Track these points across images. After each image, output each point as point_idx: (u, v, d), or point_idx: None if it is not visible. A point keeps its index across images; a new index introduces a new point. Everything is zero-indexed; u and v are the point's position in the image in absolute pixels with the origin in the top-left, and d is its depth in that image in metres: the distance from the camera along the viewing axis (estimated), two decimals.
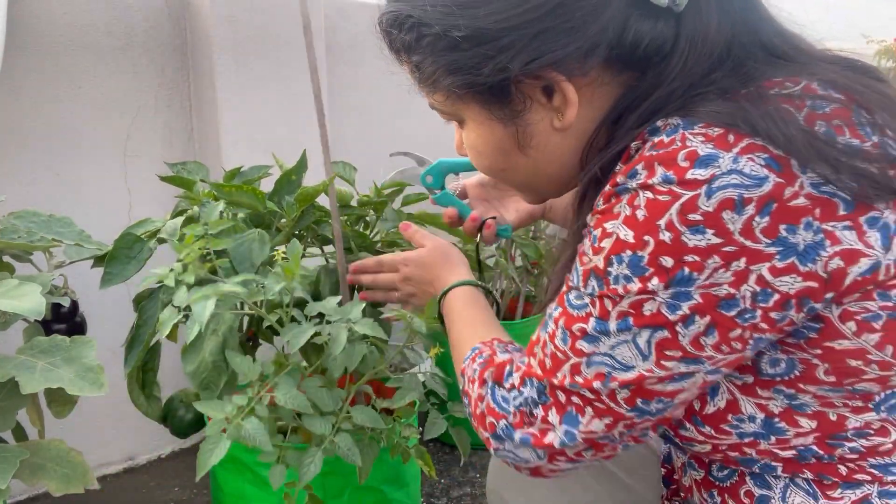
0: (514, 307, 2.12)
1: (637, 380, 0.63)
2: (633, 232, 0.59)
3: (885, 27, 3.82)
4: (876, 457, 0.65)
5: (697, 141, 0.57)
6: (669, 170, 0.57)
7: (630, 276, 0.60)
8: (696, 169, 0.56)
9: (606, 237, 0.61)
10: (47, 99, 1.64)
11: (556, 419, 0.68)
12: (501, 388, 0.74)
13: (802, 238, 0.55)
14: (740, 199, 0.55)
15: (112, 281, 1.16)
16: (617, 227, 0.60)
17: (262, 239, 1.14)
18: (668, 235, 0.57)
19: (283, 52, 1.89)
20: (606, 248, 0.61)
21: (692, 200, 0.56)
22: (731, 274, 0.57)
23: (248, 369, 1.01)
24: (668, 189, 0.57)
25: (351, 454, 0.98)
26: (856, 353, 0.61)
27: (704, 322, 0.59)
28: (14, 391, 0.92)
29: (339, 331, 0.98)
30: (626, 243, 0.59)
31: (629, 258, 0.59)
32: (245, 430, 0.93)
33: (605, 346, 0.63)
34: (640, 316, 0.60)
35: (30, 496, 1.72)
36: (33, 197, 1.64)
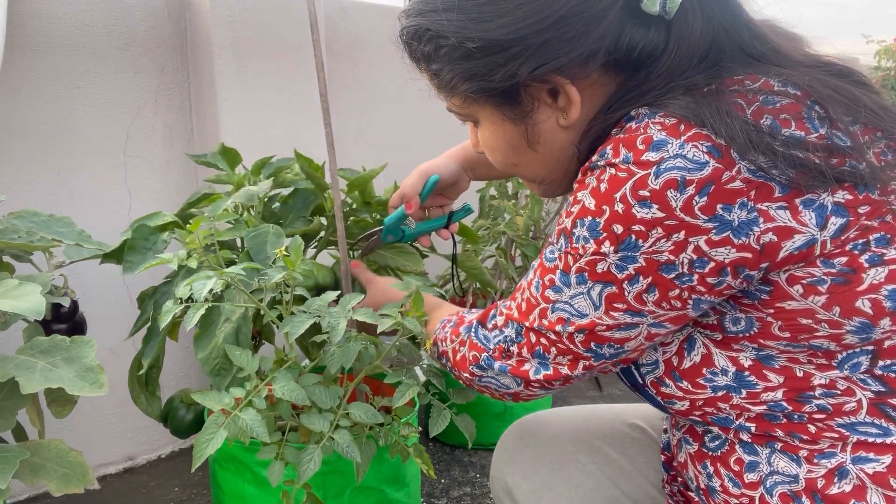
0: None
1: (590, 325, 0.75)
2: (594, 201, 0.70)
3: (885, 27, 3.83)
4: (842, 416, 0.70)
5: (655, 129, 0.67)
6: (630, 151, 0.67)
7: (588, 238, 0.70)
8: (650, 152, 0.66)
9: (576, 203, 0.72)
10: (47, 99, 1.64)
11: (528, 355, 0.82)
12: (484, 328, 0.88)
13: (737, 216, 0.64)
14: (682, 180, 0.64)
15: (133, 268, 1.18)
16: (584, 196, 0.71)
17: (278, 232, 1.16)
18: (620, 207, 0.67)
19: (283, 51, 1.89)
20: (574, 212, 0.72)
21: (643, 179, 0.66)
22: (672, 244, 0.66)
23: (246, 362, 1.01)
24: (627, 167, 0.67)
25: (350, 451, 0.98)
26: (805, 313, 0.68)
27: (646, 282, 0.69)
28: (14, 391, 0.92)
29: (337, 320, 0.99)
30: (588, 210, 0.70)
31: (588, 222, 0.70)
32: (242, 420, 0.93)
33: (566, 296, 0.75)
34: (593, 273, 0.72)
35: (30, 496, 1.72)
36: (33, 197, 1.64)
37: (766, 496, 0.73)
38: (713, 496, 0.79)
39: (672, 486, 0.94)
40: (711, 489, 0.79)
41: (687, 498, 0.90)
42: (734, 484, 0.76)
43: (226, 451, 1.16)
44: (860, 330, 0.67)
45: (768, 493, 0.73)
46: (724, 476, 0.77)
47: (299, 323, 0.99)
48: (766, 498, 0.73)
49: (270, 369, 1.04)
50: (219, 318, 1.09)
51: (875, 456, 0.68)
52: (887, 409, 0.69)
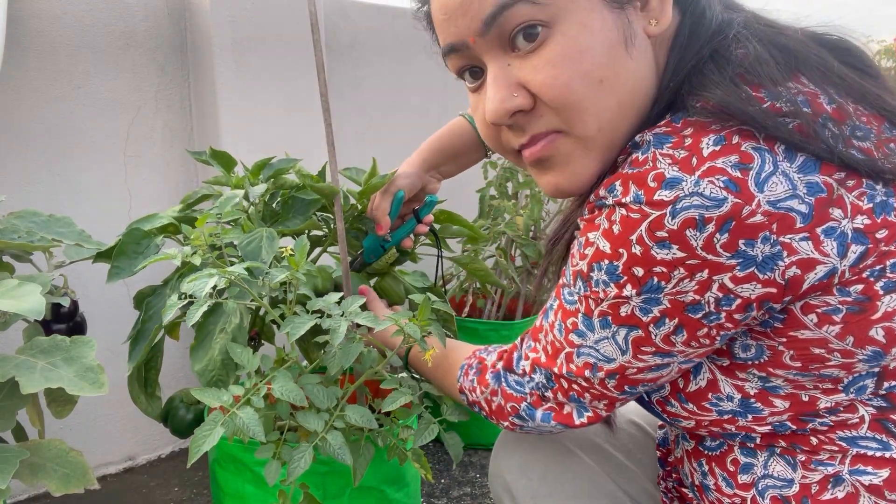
0: (513, 307, 2.12)
1: (619, 369, 0.72)
2: (609, 244, 0.66)
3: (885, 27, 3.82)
4: (844, 430, 0.69)
5: (665, 163, 0.62)
6: (640, 189, 0.62)
7: (608, 282, 0.67)
8: (663, 190, 0.61)
9: (589, 246, 0.68)
10: (47, 99, 1.64)
11: (564, 399, 0.79)
12: (513, 373, 0.84)
13: (760, 250, 0.60)
14: (701, 219, 0.60)
15: (119, 275, 1.16)
16: (597, 238, 0.67)
17: (271, 236, 1.15)
18: (638, 249, 0.63)
19: (284, 51, 1.89)
20: (589, 255, 0.68)
21: (659, 219, 0.61)
22: (695, 283, 0.63)
23: (247, 360, 1.01)
24: (639, 208, 0.62)
25: (341, 453, 0.98)
26: (818, 342, 0.65)
27: (673, 323, 0.66)
28: (14, 391, 0.92)
29: (338, 323, 0.99)
30: (604, 254, 0.66)
31: (606, 267, 0.67)
32: (239, 419, 0.93)
33: (591, 340, 0.72)
34: (617, 316, 0.68)
35: (30, 496, 1.72)
36: (33, 197, 1.64)
37: (757, 498, 0.73)
38: (707, 494, 0.79)
39: (667, 482, 0.94)
40: (705, 487, 0.79)
41: (681, 494, 0.91)
42: (727, 484, 0.76)
43: (226, 450, 1.16)
44: (871, 358, 0.65)
45: (760, 496, 0.73)
46: (718, 475, 0.77)
47: (300, 324, 0.99)
48: (758, 500, 0.73)
49: (270, 369, 1.04)
50: (214, 329, 1.08)
51: (873, 469, 0.68)
52: (889, 424, 0.67)
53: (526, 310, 2.11)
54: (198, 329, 1.08)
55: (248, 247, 1.13)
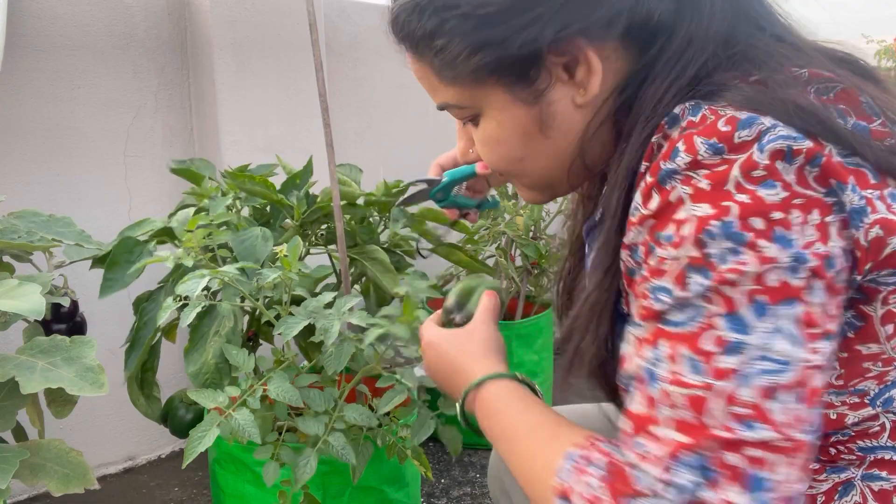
0: (513, 307, 2.12)
1: (801, 378, 0.52)
2: (708, 204, 0.53)
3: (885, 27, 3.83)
4: (865, 439, 0.66)
5: (730, 110, 0.56)
6: (711, 137, 0.55)
7: (735, 248, 0.52)
8: (741, 131, 0.54)
9: (683, 224, 0.54)
10: (47, 99, 1.64)
11: (737, 494, 0.51)
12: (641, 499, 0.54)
13: (849, 199, 0.54)
14: (789, 150, 0.53)
15: (112, 288, 1.16)
16: (689, 209, 0.54)
17: (265, 236, 1.15)
18: (744, 196, 0.53)
19: (283, 52, 1.89)
20: (690, 233, 0.54)
21: (749, 158, 0.53)
22: (814, 229, 0.53)
23: (243, 362, 1.01)
24: (721, 159, 0.54)
25: (345, 453, 0.98)
26: (873, 357, 0.60)
27: (821, 287, 0.53)
28: (14, 391, 0.92)
29: (331, 323, 0.99)
30: (707, 216, 0.53)
31: (720, 228, 0.53)
32: (235, 420, 0.93)
33: (755, 347, 0.52)
34: (770, 290, 0.52)
35: (30, 496, 1.72)
36: (33, 197, 1.64)
37: None
38: None
39: None
40: None
41: None
42: None
43: (226, 451, 1.16)
44: None
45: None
46: None
47: (294, 324, 0.99)
48: None
49: (268, 369, 1.04)
50: (208, 332, 1.08)
51: (887, 475, 0.65)
52: None
53: (526, 310, 2.11)
54: (192, 332, 1.08)
55: (242, 246, 1.13)
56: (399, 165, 2.19)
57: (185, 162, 1.46)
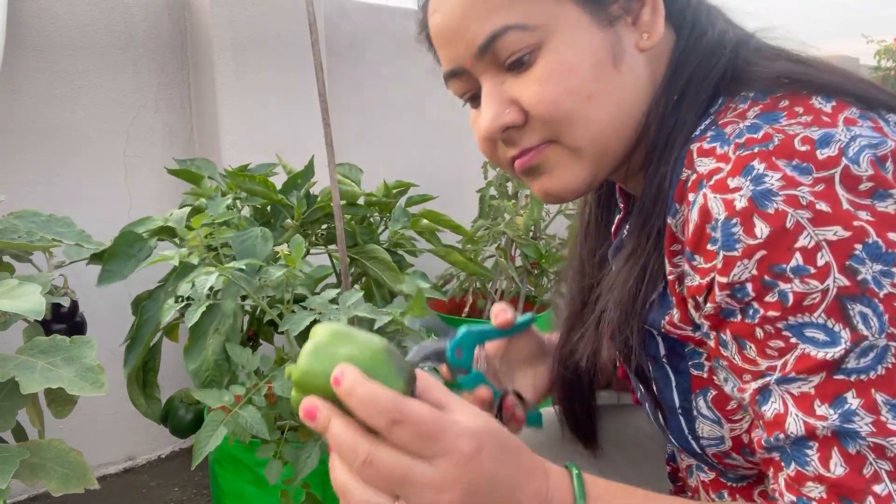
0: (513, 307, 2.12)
1: None
2: (839, 227, 0.49)
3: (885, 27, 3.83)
4: None
5: (798, 128, 0.53)
6: (793, 159, 0.51)
7: (888, 270, 0.49)
8: (822, 149, 0.51)
9: (816, 252, 0.50)
10: (47, 99, 1.64)
11: None
12: None
13: None
14: (877, 158, 0.50)
15: (111, 279, 1.16)
16: (815, 234, 0.49)
17: (265, 236, 1.16)
18: (865, 213, 0.49)
19: (283, 52, 1.89)
20: (831, 260, 0.49)
21: (847, 172, 0.50)
22: None
23: (247, 360, 1.02)
24: (813, 179, 0.50)
25: None
26: None
27: None
28: (14, 391, 0.92)
29: (338, 318, 0.99)
30: (846, 240, 0.49)
31: (864, 251, 0.49)
32: (242, 417, 0.93)
33: None
34: None
35: (30, 496, 1.72)
36: (33, 197, 1.64)
37: None
38: None
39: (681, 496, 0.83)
40: None
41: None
42: None
43: (226, 451, 1.16)
44: None
45: None
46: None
47: (299, 321, 0.99)
48: None
49: (270, 368, 1.04)
50: (209, 330, 1.08)
51: None
52: None
53: (526, 310, 2.11)
54: (192, 329, 1.08)
55: (242, 245, 1.13)
56: (399, 165, 2.19)
57: (184, 162, 1.46)
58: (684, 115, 0.62)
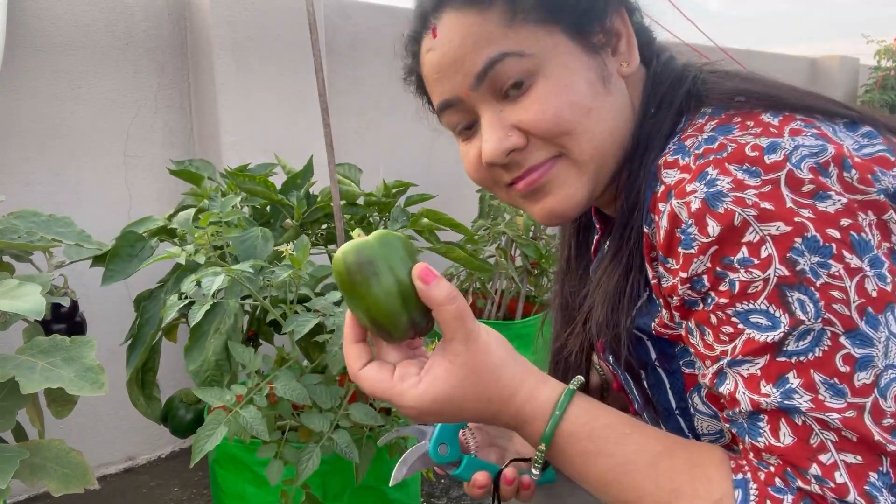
0: (513, 307, 2.12)
1: None
2: (780, 223, 0.54)
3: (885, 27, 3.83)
4: None
5: (749, 138, 0.58)
6: (743, 164, 0.56)
7: (824, 262, 0.53)
8: (769, 155, 0.56)
9: (760, 245, 0.54)
10: (47, 99, 1.64)
11: None
12: None
13: (890, 182, 0.56)
14: (818, 165, 0.55)
15: (113, 278, 1.16)
16: (760, 230, 0.54)
17: (266, 236, 1.16)
18: (807, 212, 0.54)
19: (283, 52, 1.89)
20: (773, 252, 0.54)
21: (791, 175, 0.55)
22: (877, 228, 0.55)
23: (249, 360, 1.01)
24: (761, 181, 0.55)
25: (349, 451, 0.98)
26: None
27: None
28: (14, 391, 0.92)
29: (342, 320, 0.99)
30: (787, 234, 0.54)
31: (804, 244, 0.54)
32: (243, 418, 0.93)
33: (880, 358, 0.53)
34: (872, 300, 0.53)
35: (30, 496, 1.72)
36: (33, 197, 1.64)
37: None
38: None
39: None
40: None
41: None
42: None
43: (226, 451, 1.16)
44: None
45: None
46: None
47: (304, 322, 0.99)
48: None
49: (272, 368, 1.04)
50: (209, 329, 1.09)
51: None
52: None
53: (526, 310, 2.11)
54: (193, 329, 1.08)
55: (243, 246, 1.13)
56: (399, 165, 2.19)
57: (183, 163, 1.46)
58: (655, 136, 0.67)
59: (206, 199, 1.31)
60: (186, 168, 1.44)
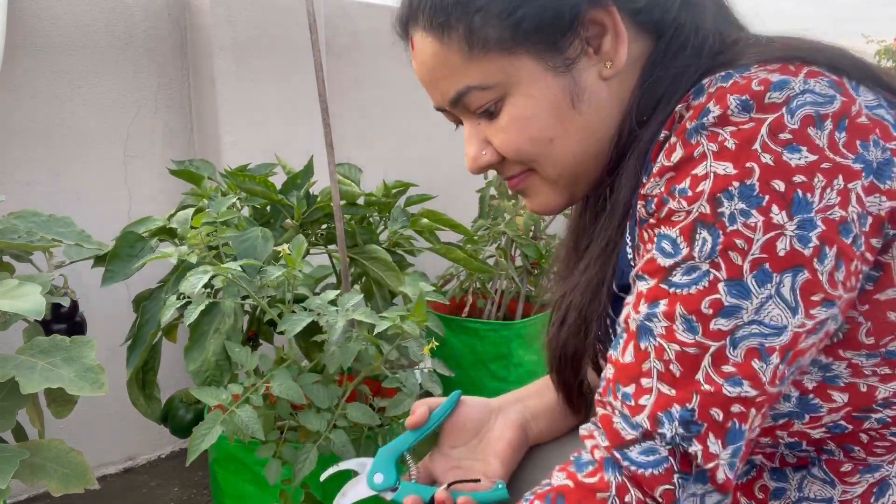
0: (513, 307, 2.12)
1: (791, 342, 0.55)
2: (731, 163, 0.55)
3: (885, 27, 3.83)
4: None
5: (763, 72, 0.57)
6: (744, 94, 0.56)
7: (747, 210, 0.54)
8: (772, 92, 0.56)
9: (701, 181, 0.56)
10: (47, 99, 1.64)
11: (718, 446, 0.55)
12: (633, 446, 0.57)
13: (874, 155, 0.56)
14: (818, 115, 0.55)
15: (113, 279, 1.17)
16: (709, 166, 0.56)
17: (265, 236, 1.16)
18: (768, 157, 0.54)
19: (283, 52, 1.89)
20: (706, 189, 0.56)
21: (778, 119, 0.55)
22: (836, 194, 0.54)
23: (246, 359, 1.02)
24: (749, 117, 0.56)
25: (345, 451, 0.98)
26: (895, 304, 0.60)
27: (832, 253, 0.55)
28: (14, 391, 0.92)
29: (336, 319, 0.99)
30: (728, 176, 0.55)
31: (738, 189, 0.55)
32: (238, 417, 0.93)
33: (749, 312, 0.54)
34: (775, 258, 0.54)
35: (30, 496, 1.72)
36: (33, 197, 1.64)
37: None
38: None
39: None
40: None
41: None
42: None
43: (226, 450, 1.16)
44: None
45: None
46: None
47: (297, 321, 0.99)
48: None
49: (269, 368, 1.04)
50: (209, 329, 1.09)
51: None
52: None
53: (526, 310, 2.11)
54: (192, 329, 1.08)
55: (242, 246, 1.14)
56: (399, 165, 2.19)
57: (183, 163, 1.46)
58: (656, 121, 0.65)
59: (206, 199, 1.31)
60: (186, 168, 1.45)
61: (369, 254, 1.33)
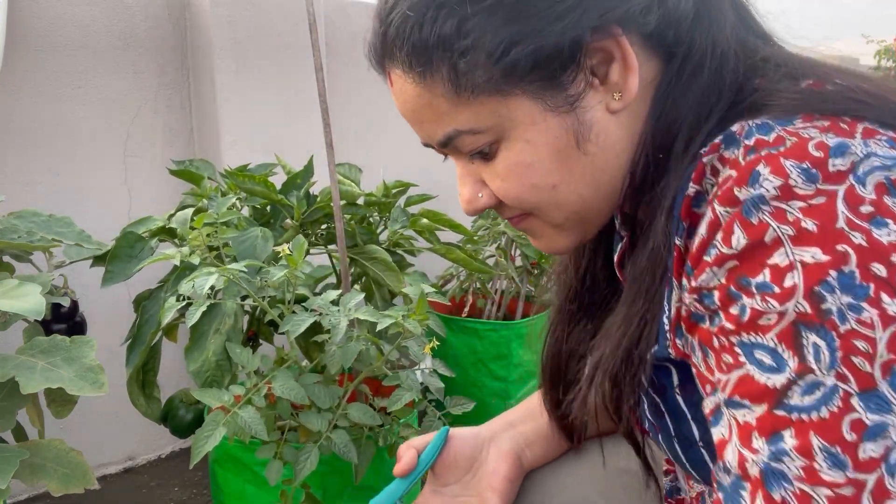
0: (513, 307, 2.12)
1: None
2: (818, 248, 0.46)
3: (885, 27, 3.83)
4: None
5: (814, 130, 0.50)
6: (803, 162, 0.48)
7: (856, 305, 0.45)
8: (834, 159, 0.47)
9: (786, 272, 0.46)
10: (47, 99, 1.64)
11: None
12: None
13: None
14: (889, 182, 0.47)
15: (113, 279, 1.17)
16: (791, 254, 0.47)
17: (265, 236, 1.16)
18: (860, 237, 0.46)
19: (283, 52, 1.89)
20: (799, 283, 0.46)
21: (851, 191, 0.47)
22: None
23: (247, 360, 1.02)
24: (816, 189, 0.47)
25: (347, 451, 0.98)
26: None
27: None
28: (14, 391, 0.92)
29: (338, 319, 0.99)
30: (821, 265, 0.46)
31: (837, 280, 0.45)
32: (241, 418, 0.93)
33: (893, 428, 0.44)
34: None
35: (30, 496, 1.72)
36: (33, 197, 1.64)
37: None
38: None
39: None
40: None
41: None
42: None
43: (226, 450, 1.16)
44: None
45: None
46: None
47: (299, 322, 0.99)
48: None
49: (270, 368, 1.04)
50: (209, 330, 1.09)
51: None
52: None
53: (526, 310, 2.11)
54: (193, 330, 1.08)
55: (242, 246, 1.14)
56: (399, 165, 2.19)
57: (183, 163, 1.47)
58: (678, 167, 0.57)
59: (206, 199, 1.31)
60: (186, 168, 1.45)
61: (369, 254, 1.33)
